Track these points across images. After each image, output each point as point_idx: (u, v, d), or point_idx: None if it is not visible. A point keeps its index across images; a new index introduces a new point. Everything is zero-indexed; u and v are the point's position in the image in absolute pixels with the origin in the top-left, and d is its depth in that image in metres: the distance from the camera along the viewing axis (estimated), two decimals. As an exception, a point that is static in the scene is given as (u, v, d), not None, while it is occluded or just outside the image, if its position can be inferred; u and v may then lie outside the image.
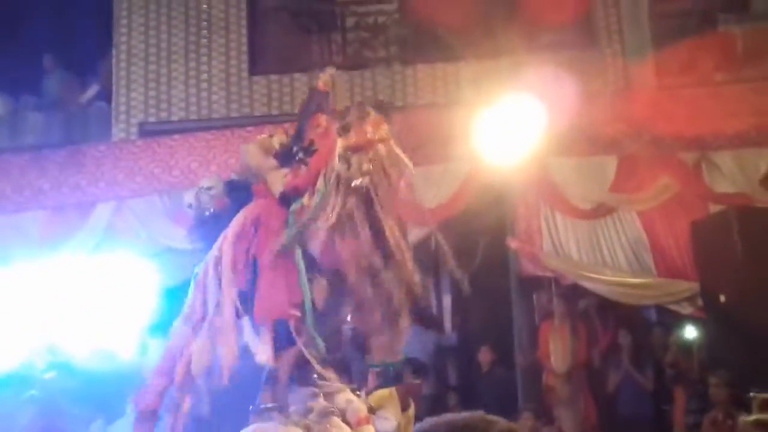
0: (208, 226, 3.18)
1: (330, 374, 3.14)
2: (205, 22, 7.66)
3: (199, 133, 6.58)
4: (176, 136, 6.59)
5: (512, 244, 5.95)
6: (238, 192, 3.21)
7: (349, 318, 3.23)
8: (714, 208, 5.96)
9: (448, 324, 6.28)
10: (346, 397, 3.13)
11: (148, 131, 7.26)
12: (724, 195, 5.98)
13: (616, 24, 7.41)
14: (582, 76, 7.21)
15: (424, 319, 3.61)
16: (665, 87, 6.82)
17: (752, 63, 6.82)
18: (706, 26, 7.70)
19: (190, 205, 3.23)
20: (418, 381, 4.51)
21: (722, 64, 7.35)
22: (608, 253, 6.00)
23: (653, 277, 5.84)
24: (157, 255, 5.91)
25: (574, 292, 5.97)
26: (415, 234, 6.19)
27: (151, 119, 7.41)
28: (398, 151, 3.13)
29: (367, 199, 3.08)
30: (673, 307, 5.89)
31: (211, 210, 3.19)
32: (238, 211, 3.14)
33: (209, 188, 3.23)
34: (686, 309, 5.80)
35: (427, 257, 6.44)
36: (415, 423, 3.91)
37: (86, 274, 5.68)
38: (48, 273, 5.61)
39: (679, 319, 5.88)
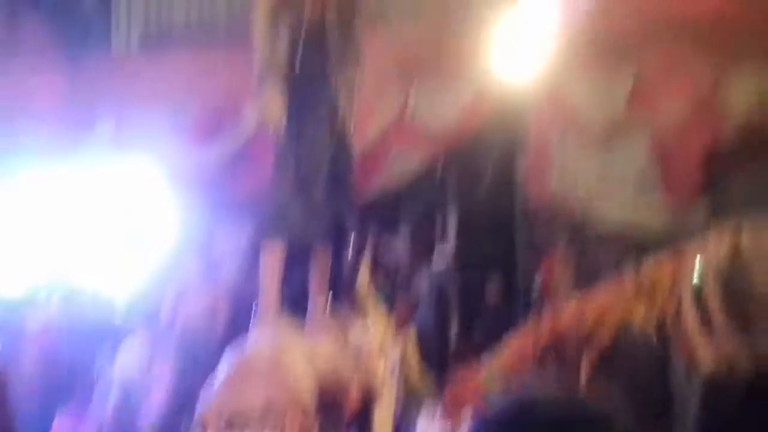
0: None
1: None
2: None
3: (203, 46, 6.44)
4: (179, 49, 6.45)
5: (520, 169, 5.84)
6: None
7: None
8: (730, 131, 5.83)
9: (452, 250, 6.27)
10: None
11: (149, 42, 7.06)
12: (740, 116, 5.80)
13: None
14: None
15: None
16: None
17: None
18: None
19: None
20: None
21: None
22: (618, 171, 5.91)
23: (659, 196, 5.76)
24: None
25: (578, 220, 5.91)
26: (423, 158, 6.20)
27: (152, 27, 7.19)
28: None
29: None
30: (678, 238, 5.84)
31: None
32: None
33: None
34: (693, 238, 5.75)
35: (432, 183, 6.40)
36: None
37: (92, 190, 5.67)
38: (51, 189, 5.59)
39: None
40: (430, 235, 6.00)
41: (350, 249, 3.93)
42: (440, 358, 4.54)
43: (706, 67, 5.94)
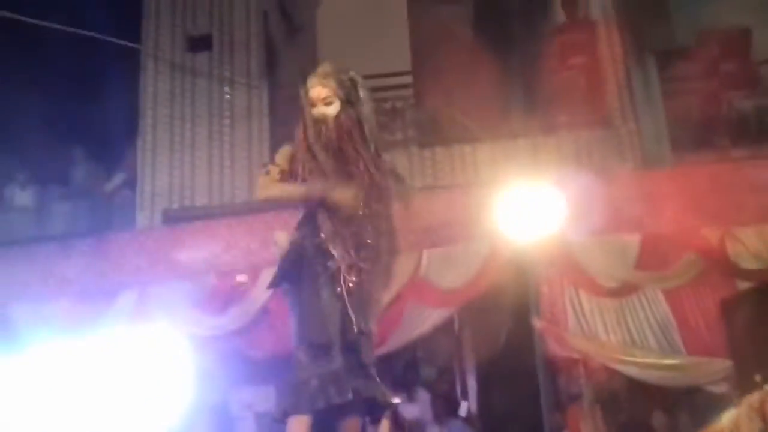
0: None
1: None
2: (228, 112, 7.86)
3: (222, 219, 6.68)
4: (198, 223, 6.68)
5: (537, 324, 5.87)
6: None
7: None
8: (741, 284, 5.91)
9: (473, 406, 6.11)
10: None
11: (171, 218, 7.35)
12: (751, 271, 5.91)
13: (630, 104, 7.51)
14: (599, 156, 7.36)
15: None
16: (682, 164, 6.86)
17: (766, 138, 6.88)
18: (718, 103, 7.82)
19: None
20: None
21: (738, 141, 7.45)
22: (636, 332, 5.91)
23: (684, 357, 5.73)
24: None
25: (602, 374, 5.83)
26: (438, 315, 6.24)
27: (175, 206, 7.52)
28: None
29: None
30: (706, 387, 5.73)
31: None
32: None
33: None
34: (719, 389, 5.64)
35: (451, 338, 6.38)
36: None
37: (110, 361, 5.66)
38: (71, 360, 5.59)
39: (713, 400, 5.72)
40: (450, 391, 5.88)
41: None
42: None
43: (710, 226, 6.14)
